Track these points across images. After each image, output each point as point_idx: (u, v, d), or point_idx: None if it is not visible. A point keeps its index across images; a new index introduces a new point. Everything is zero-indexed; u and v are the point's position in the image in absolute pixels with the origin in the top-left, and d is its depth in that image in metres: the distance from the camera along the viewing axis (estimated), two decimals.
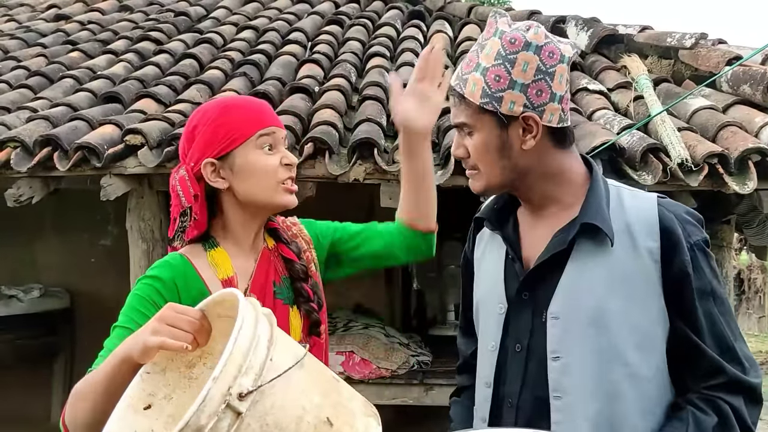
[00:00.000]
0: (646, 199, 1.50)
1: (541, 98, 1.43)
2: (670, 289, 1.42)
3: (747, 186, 3.51)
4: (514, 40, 1.43)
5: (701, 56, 4.38)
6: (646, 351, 1.42)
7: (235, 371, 1.08)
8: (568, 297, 1.44)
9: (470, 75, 1.46)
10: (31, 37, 6.27)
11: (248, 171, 1.57)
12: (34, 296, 6.05)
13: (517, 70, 1.42)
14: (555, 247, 1.47)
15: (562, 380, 1.42)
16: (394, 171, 3.68)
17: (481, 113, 1.46)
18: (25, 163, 3.93)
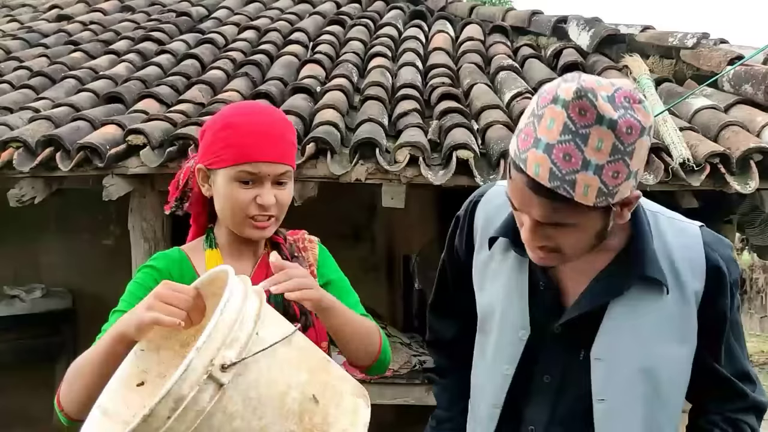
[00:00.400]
0: (690, 236, 1.45)
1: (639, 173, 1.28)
2: (705, 327, 1.43)
3: (749, 186, 3.51)
4: (630, 129, 1.19)
5: (703, 56, 4.38)
6: (682, 387, 1.47)
7: (218, 343, 1.07)
8: (613, 340, 1.41)
9: (578, 175, 1.20)
10: (33, 37, 6.27)
11: (220, 195, 1.56)
12: (36, 296, 6.05)
13: (635, 161, 1.23)
14: (606, 293, 1.40)
15: (609, 423, 1.42)
16: (396, 171, 3.68)
17: (590, 210, 1.25)
18: (27, 164, 3.93)
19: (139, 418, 1.02)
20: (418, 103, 4.36)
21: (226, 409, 1.07)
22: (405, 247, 6.25)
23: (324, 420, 1.17)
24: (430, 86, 4.64)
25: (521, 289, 1.48)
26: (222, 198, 1.56)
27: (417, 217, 5.91)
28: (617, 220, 1.31)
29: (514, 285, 1.50)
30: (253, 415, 1.09)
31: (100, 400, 1.23)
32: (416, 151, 3.70)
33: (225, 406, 1.07)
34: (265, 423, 1.10)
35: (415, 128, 3.94)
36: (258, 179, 1.53)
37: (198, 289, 1.30)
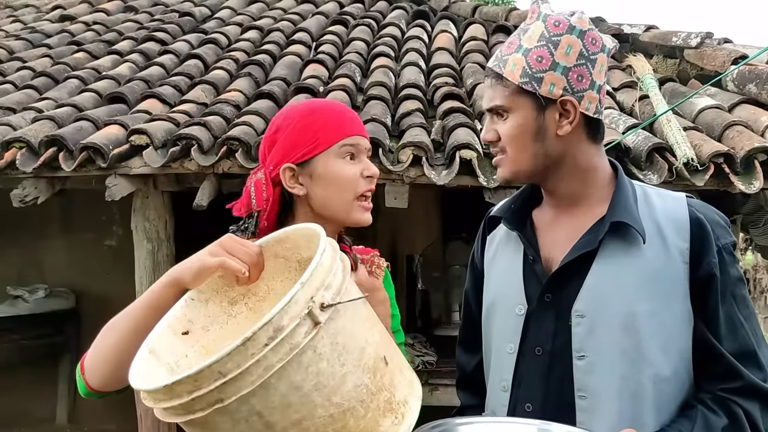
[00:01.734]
0: (676, 199, 1.48)
1: (581, 84, 1.41)
2: (696, 291, 1.40)
3: (753, 185, 3.50)
4: (558, 22, 1.41)
5: (707, 55, 4.38)
6: (669, 352, 1.40)
7: (319, 282, 1.09)
8: (594, 296, 1.42)
9: (510, 56, 1.43)
10: (36, 37, 6.28)
11: (328, 179, 1.52)
12: (39, 296, 6.07)
13: (560, 53, 1.40)
14: (584, 246, 1.43)
15: (588, 379, 1.40)
16: (399, 171, 3.68)
17: (519, 94, 1.42)
18: (30, 164, 3.94)
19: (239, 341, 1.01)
20: (421, 103, 4.36)
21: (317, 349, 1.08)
22: (408, 248, 6.24)
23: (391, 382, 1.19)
24: (433, 86, 4.64)
25: (516, 265, 1.54)
26: (327, 182, 1.52)
27: (420, 217, 5.91)
28: (558, 131, 1.43)
29: (512, 265, 1.55)
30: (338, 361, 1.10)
31: (148, 339, 1.21)
32: (419, 151, 3.70)
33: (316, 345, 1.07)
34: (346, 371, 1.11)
35: (418, 128, 3.94)
36: (358, 153, 1.54)
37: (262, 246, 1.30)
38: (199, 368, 1.01)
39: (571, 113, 1.42)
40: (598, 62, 1.42)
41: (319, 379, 1.08)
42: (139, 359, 1.18)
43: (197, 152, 3.80)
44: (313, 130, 1.51)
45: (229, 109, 4.32)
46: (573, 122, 1.42)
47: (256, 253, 1.28)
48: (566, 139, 1.44)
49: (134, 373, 1.13)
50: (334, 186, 1.52)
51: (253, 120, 4.02)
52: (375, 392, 1.15)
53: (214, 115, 4.17)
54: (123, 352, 1.25)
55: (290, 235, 1.29)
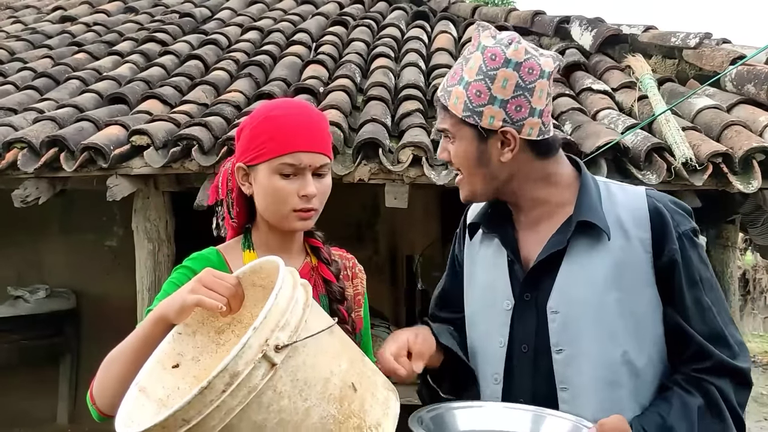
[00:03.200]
0: (635, 192, 1.55)
1: (520, 113, 1.47)
2: (660, 277, 1.47)
3: (751, 185, 3.51)
4: (494, 56, 1.46)
5: (705, 56, 4.39)
6: (641, 339, 1.47)
7: (273, 324, 1.13)
8: (565, 291, 1.49)
9: (454, 88, 1.51)
10: (37, 38, 6.30)
11: (263, 190, 1.56)
12: (40, 297, 6.08)
13: (496, 86, 1.46)
14: (553, 246, 1.51)
15: (567, 372, 1.47)
16: (399, 171, 3.69)
17: (462, 124, 1.51)
18: (31, 164, 3.95)
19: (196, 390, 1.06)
20: (421, 104, 4.37)
21: (276, 388, 1.12)
22: (408, 248, 6.26)
23: (361, 407, 1.22)
24: (432, 86, 4.65)
25: (500, 263, 1.60)
26: (264, 192, 1.56)
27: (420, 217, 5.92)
28: (501, 158, 1.51)
29: (495, 264, 1.62)
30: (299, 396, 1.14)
31: (138, 378, 1.27)
32: (419, 152, 3.71)
33: (275, 385, 1.12)
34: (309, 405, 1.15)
35: (418, 128, 3.95)
36: (299, 171, 1.54)
37: (239, 278, 1.34)
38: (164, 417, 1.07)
39: (512, 142, 1.50)
40: (536, 90, 1.47)
41: (282, 416, 1.12)
42: (128, 398, 1.24)
43: (198, 152, 3.81)
44: (262, 138, 1.55)
45: (229, 109, 4.34)
46: (514, 149, 1.50)
47: (234, 284, 1.32)
48: (511, 163, 1.52)
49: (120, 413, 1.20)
50: (268, 198, 1.57)
51: None
52: (343, 421, 1.18)
53: (214, 115, 4.18)
54: (125, 383, 1.31)
55: (263, 266, 1.33)
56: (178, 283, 1.55)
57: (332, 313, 1.64)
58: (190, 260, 1.62)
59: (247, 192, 1.60)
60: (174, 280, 1.57)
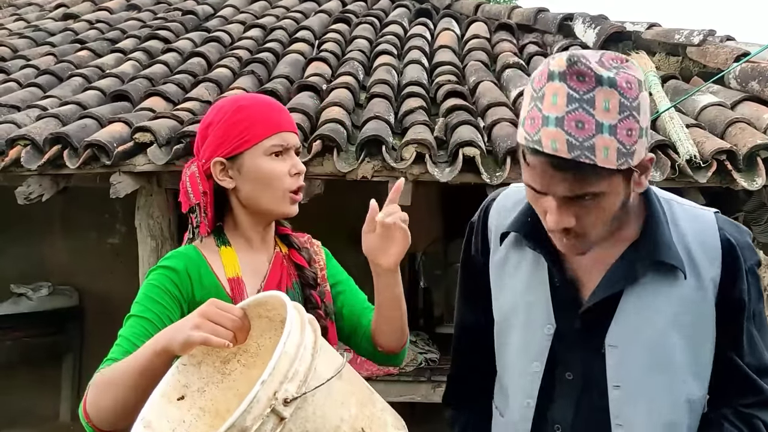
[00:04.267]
0: (704, 220, 1.43)
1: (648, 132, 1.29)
2: (723, 314, 1.39)
3: (755, 182, 3.51)
4: (630, 84, 1.21)
5: (709, 53, 4.38)
6: (701, 377, 1.42)
7: (281, 377, 1.10)
8: (627, 326, 1.40)
9: (595, 139, 1.20)
10: (40, 36, 6.29)
11: (255, 176, 1.56)
12: (42, 294, 6.08)
13: (644, 117, 1.24)
14: (620, 279, 1.39)
15: (624, 409, 1.39)
16: (402, 168, 3.68)
17: (613, 175, 1.24)
18: (35, 161, 3.95)
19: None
20: (424, 101, 4.36)
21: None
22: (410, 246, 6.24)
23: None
24: (436, 84, 4.65)
25: (542, 283, 1.47)
26: (254, 178, 1.56)
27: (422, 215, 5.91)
28: (636, 188, 1.31)
29: (534, 280, 1.48)
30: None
31: (143, 413, 1.25)
32: (422, 149, 3.70)
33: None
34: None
35: (421, 125, 3.95)
36: (286, 150, 1.58)
37: (244, 309, 1.31)
38: None
39: (649, 167, 1.33)
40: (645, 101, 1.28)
41: None
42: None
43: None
44: (242, 126, 1.55)
45: None
46: (649, 175, 1.33)
47: (239, 317, 1.29)
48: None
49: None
50: (261, 182, 1.56)
51: None
52: None
53: None
54: (125, 407, 1.33)
55: (268, 299, 1.31)
56: (156, 284, 1.52)
57: (305, 299, 1.63)
58: (170, 259, 1.58)
59: (229, 186, 1.58)
60: (154, 282, 1.53)
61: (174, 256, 1.59)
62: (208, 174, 1.59)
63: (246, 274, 1.59)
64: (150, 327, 1.46)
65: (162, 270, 1.55)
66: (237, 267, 1.58)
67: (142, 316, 1.48)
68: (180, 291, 1.52)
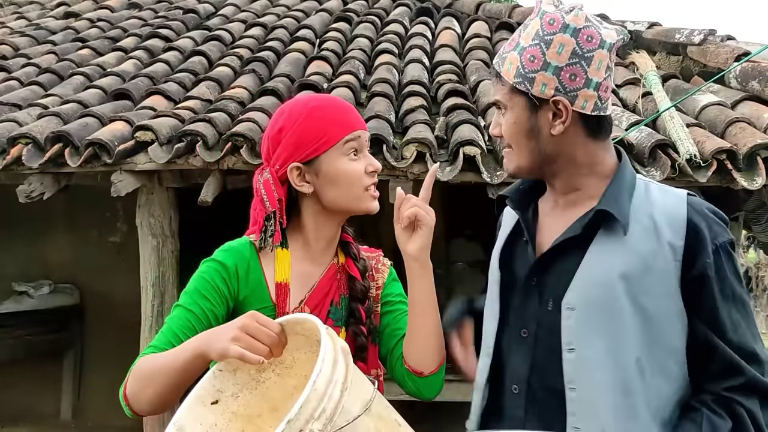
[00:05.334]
0: (675, 195, 1.46)
1: (574, 83, 1.39)
2: (689, 289, 1.39)
3: (755, 182, 3.51)
4: (553, 21, 1.39)
5: (710, 52, 4.38)
6: (653, 346, 1.39)
7: (308, 415, 1.09)
8: (584, 288, 1.41)
9: (509, 54, 1.44)
10: (41, 34, 6.30)
11: (335, 177, 1.55)
12: (44, 292, 6.09)
13: (551, 52, 1.38)
14: (568, 233, 1.44)
15: (578, 372, 1.40)
16: (403, 167, 3.69)
17: (514, 93, 1.44)
18: (36, 160, 3.96)
19: None
20: (424, 100, 4.37)
21: None
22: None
23: None
24: (436, 83, 4.65)
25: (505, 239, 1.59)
26: (334, 180, 1.55)
27: None
28: (552, 131, 1.43)
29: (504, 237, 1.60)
30: None
31: (177, 417, 1.27)
32: (423, 148, 3.71)
33: None
34: None
35: (422, 125, 3.96)
36: (360, 149, 1.58)
37: (282, 325, 1.31)
38: None
39: (563, 113, 1.41)
40: (594, 59, 1.39)
41: None
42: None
43: (202, 148, 3.81)
44: (317, 128, 1.54)
45: (233, 105, 4.34)
46: (566, 122, 1.42)
47: (278, 332, 1.29)
48: (561, 138, 1.43)
49: None
50: (341, 183, 1.55)
51: (258, 116, 4.03)
52: None
53: (218, 111, 4.18)
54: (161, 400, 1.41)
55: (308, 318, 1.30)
56: (206, 278, 1.53)
57: (350, 311, 1.61)
58: (223, 252, 1.58)
59: (307, 191, 1.56)
60: (203, 275, 1.54)
61: (228, 250, 1.58)
62: (283, 180, 1.56)
63: (294, 281, 1.58)
64: (195, 321, 1.49)
65: (213, 264, 1.56)
66: (287, 272, 1.57)
67: (188, 309, 1.51)
68: (228, 287, 1.54)
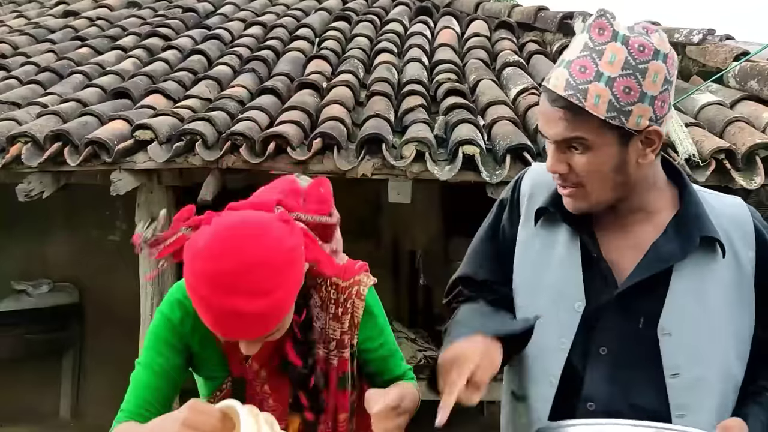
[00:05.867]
0: (736, 204, 1.47)
1: (663, 110, 1.35)
2: (761, 297, 1.43)
3: (754, 181, 3.51)
4: (642, 48, 1.30)
5: (709, 52, 4.39)
6: (742, 359, 1.44)
7: None
8: (680, 312, 1.40)
9: (590, 85, 1.30)
10: (40, 33, 6.29)
11: None
12: (43, 291, 6.09)
13: (648, 82, 1.30)
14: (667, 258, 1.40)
15: (687, 397, 1.40)
16: (402, 166, 3.69)
17: (603, 128, 1.32)
18: (35, 158, 3.95)
19: None
20: (424, 99, 4.37)
21: None
22: (410, 243, 6.26)
23: None
24: (436, 82, 4.66)
25: (574, 261, 1.48)
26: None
27: (422, 213, 5.93)
28: (640, 159, 1.36)
29: (566, 257, 1.49)
30: None
31: None
32: (422, 147, 3.71)
33: None
34: None
35: (422, 124, 3.96)
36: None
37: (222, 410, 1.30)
38: None
39: (656, 141, 1.36)
40: (674, 83, 1.37)
41: None
42: None
43: (201, 147, 3.81)
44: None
45: (232, 104, 4.34)
46: (656, 150, 1.38)
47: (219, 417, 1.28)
48: (646, 164, 1.40)
49: None
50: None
51: (257, 115, 4.04)
52: None
53: (218, 110, 4.18)
54: None
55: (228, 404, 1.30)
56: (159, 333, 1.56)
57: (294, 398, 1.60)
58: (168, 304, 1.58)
59: None
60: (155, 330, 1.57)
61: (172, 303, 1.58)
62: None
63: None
64: (157, 379, 1.53)
65: (160, 317, 1.57)
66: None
67: (148, 367, 1.54)
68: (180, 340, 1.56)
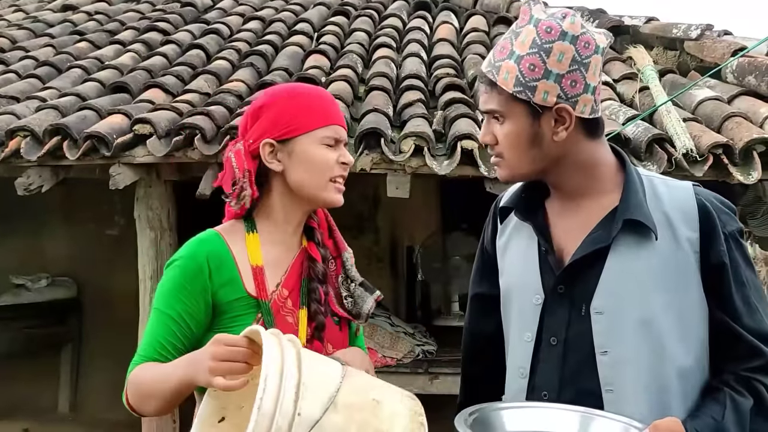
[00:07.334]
0: (682, 188, 1.51)
1: (575, 89, 1.42)
2: (708, 279, 1.44)
3: (751, 176, 3.52)
4: (550, 29, 1.41)
5: (707, 47, 4.39)
6: (688, 341, 1.44)
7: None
8: (611, 293, 1.44)
9: (503, 62, 1.44)
10: (39, 27, 6.29)
11: (305, 160, 1.57)
12: (41, 285, 6.10)
13: (552, 60, 1.40)
14: (596, 242, 1.46)
15: (614, 374, 1.43)
16: (401, 161, 3.70)
17: (513, 102, 1.44)
18: (34, 152, 3.95)
19: None
20: (422, 94, 4.38)
21: None
22: (408, 239, 6.28)
23: None
24: (434, 77, 4.66)
25: (532, 255, 1.55)
26: (304, 163, 1.57)
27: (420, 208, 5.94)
28: (555, 137, 1.44)
29: (527, 252, 1.57)
30: None
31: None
32: (421, 141, 3.72)
33: None
34: None
35: (420, 118, 3.96)
36: (337, 143, 1.61)
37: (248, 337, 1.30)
38: None
39: (567, 119, 1.44)
40: (591, 65, 1.43)
41: None
42: None
43: (200, 142, 3.82)
44: (296, 110, 1.57)
45: (231, 99, 4.34)
46: (569, 128, 1.44)
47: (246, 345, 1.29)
48: (563, 142, 1.46)
49: None
50: (310, 168, 1.58)
51: None
52: None
53: (216, 104, 4.18)
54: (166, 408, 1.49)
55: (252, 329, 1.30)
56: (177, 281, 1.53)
57: (310, 291, 1.62)
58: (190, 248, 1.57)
59: (276, 168, 1.57)
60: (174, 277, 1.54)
61: (195, 244, 1.58)
62: (254, 154, 1.58)
63: (268, 265, 1.58)
64: (175, 326, 1.52)
65: (182, 262, 1.55)
66: (259, 256, 1.58)
67: (166, 313, 1.52)
68: (200, 284, 1.53)
